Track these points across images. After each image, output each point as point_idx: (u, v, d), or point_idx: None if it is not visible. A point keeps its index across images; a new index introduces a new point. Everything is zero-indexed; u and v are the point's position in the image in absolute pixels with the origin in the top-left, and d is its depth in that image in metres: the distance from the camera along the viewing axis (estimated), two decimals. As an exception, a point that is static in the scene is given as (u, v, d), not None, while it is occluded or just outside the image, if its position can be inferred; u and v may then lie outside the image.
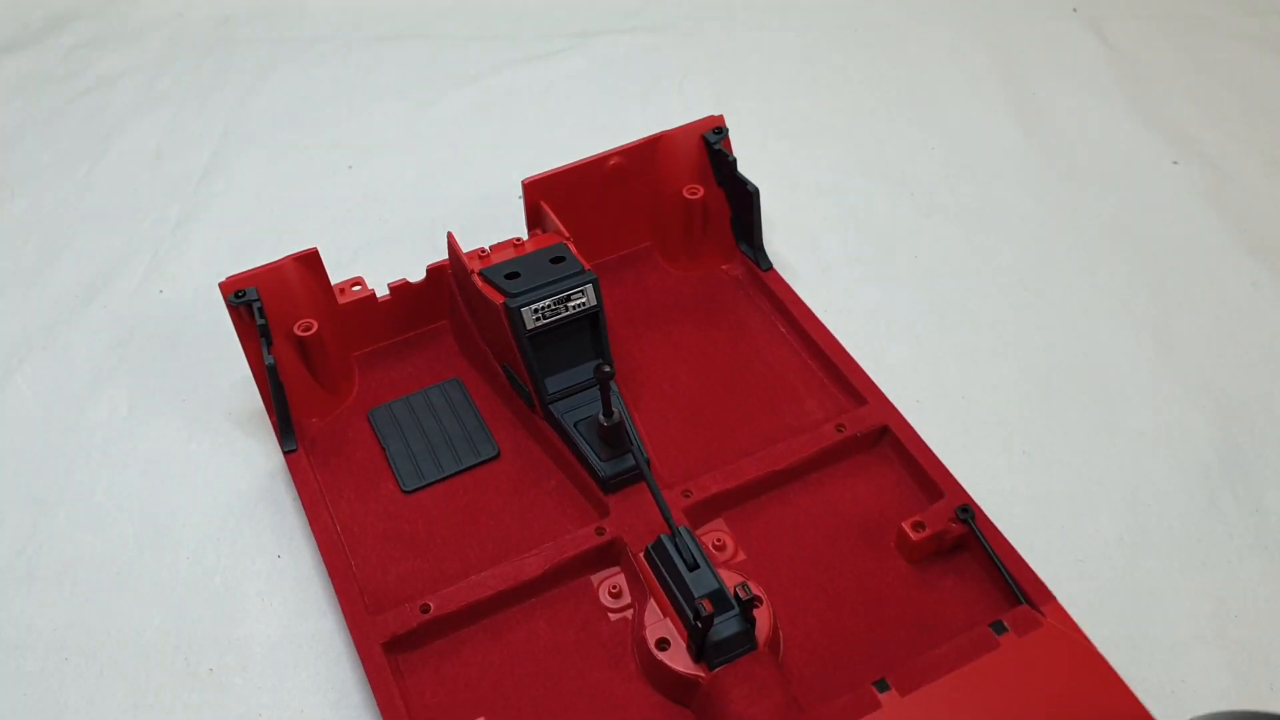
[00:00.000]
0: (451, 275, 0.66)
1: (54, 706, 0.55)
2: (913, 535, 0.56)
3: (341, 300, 0.65)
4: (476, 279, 0.61)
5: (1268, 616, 0.56)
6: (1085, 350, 0.70)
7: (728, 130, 0.69)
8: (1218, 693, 0.53)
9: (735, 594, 0.51)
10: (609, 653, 0.54)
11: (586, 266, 0.61)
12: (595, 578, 0.57)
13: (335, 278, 0.76)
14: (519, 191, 0.83)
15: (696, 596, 0.51)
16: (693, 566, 0.52)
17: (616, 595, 0.56)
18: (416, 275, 0.68)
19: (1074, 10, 0.97)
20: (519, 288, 0.60)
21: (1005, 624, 0.52)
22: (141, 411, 0.69)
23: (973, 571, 0.56)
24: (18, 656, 0.57)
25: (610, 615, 0.56)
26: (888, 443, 0.62)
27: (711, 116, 0.70)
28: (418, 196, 0.83)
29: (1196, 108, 0.87)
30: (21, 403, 0.70)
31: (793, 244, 0.77)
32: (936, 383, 0.68)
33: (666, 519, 0.54)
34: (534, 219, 0.68)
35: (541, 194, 0.67)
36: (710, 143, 0.69)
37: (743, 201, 0.69)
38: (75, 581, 0.60)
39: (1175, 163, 0.82)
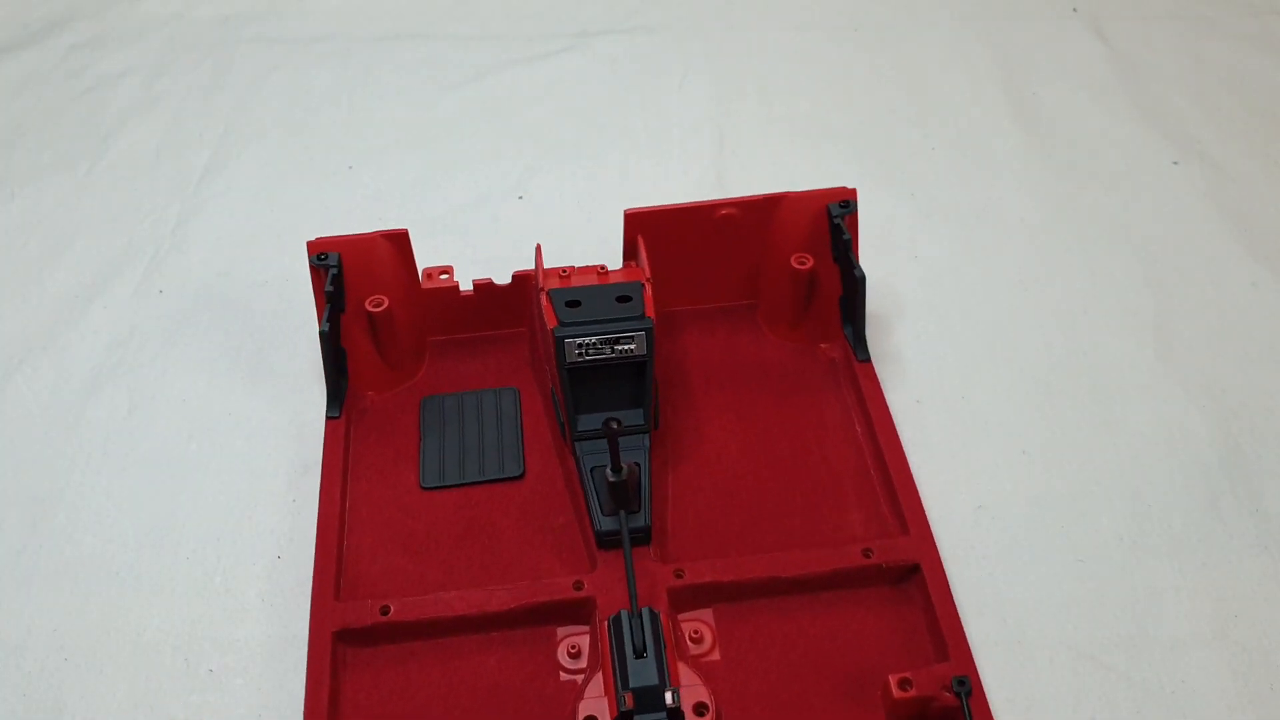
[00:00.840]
0: (532, 286, 0.65)
1: (54, 707, 0.55)
2: (896, 693, 0.50)
3: (425, 285, 0.66)
4: (543, 297, 0.60)
5: (1268, 616, 0.56)
6: (1085, 350, 0.70)
7: (855, 205, 0.65)
8: (1218, 693, 0.53)
9: (674, 698, 0.48)
10: (546, 712, 0.52)
11: (651, 314, 0.58)
12: (561, 631, 0.55)
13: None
14: (520, 192, 0.84)
15: (630, 685, 0.49)
16: (639, 653, 0.49)
17: (575, 656, 0.54)
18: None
19: (1074, 10, 0.97)
20: (574, 317, 0.58)
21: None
22: (141, 411, 0.69)
23: None
24: (18, 656, 0.57)
25: (561, 674, 0.53)
26: (914, 583, 0.56)
27: (843, 188, 0.65)
28: (418, 196, 0.83)
29: (1196, 108, 0.87)
30: (21, 403, 0.70)
31: (793, 244, 0.77)
32: (936, 383, 0.68)
33: (632, 596, 0.52)
34: (630, 251, 0.66)
35: (642, 228, 0.65)
36: (833, 215, 0.64)
37: (850, 285, 0.65)
38: (75, 581, 0.60)
39: (1175, 163, 0.82)
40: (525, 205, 0.82)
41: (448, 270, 0.67)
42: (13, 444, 0.68)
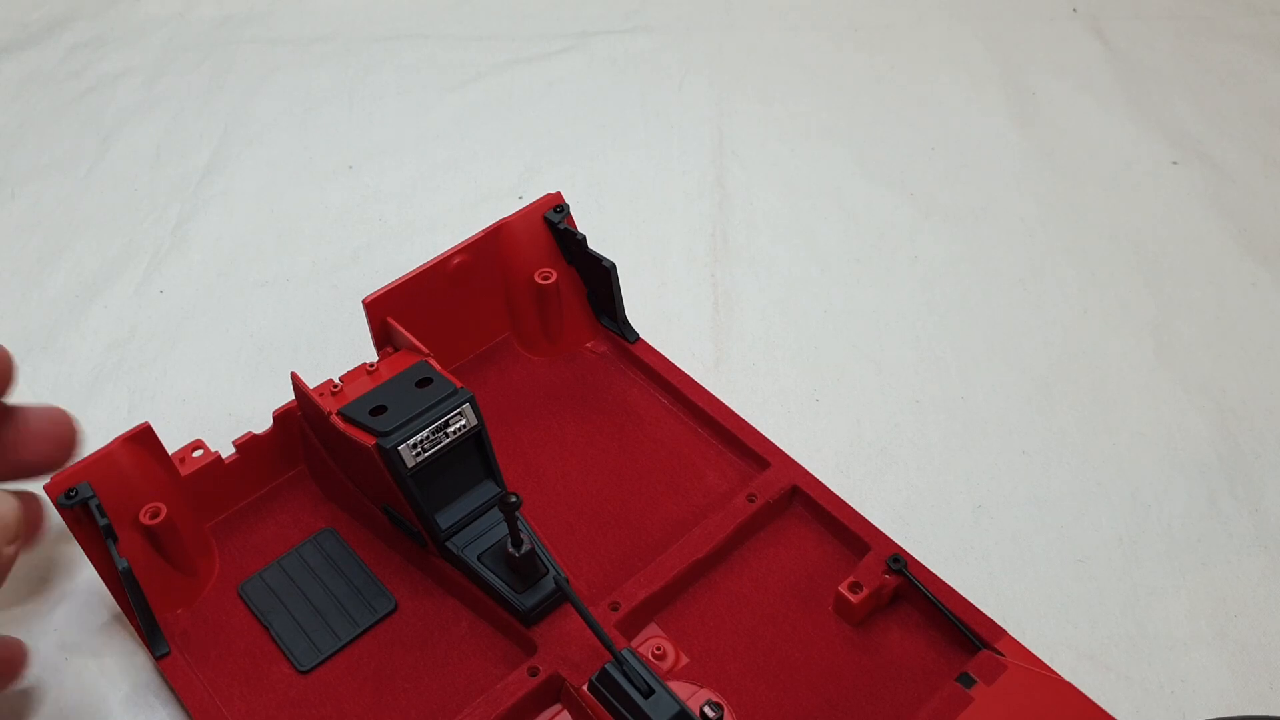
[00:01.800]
0: (303, 418, 0.58)
1: (54, 706, 0.55)
2: (852, 598, 0.53)
3: (184, 471, 0.57)
4: (336, 421, 0.54)
5: (1268, 616, 0.56)
6: (1085, 350, 0.70)
7: (568, 208, 0.65)
8: (1218, 693, 0.53)
9: (703, 712, 0.47)
10: None
11: (456, 383, 0.54)
12: (539, 715, 0.52)
13: (335, 280, 0.76)
14: (520, 192, 0.84)
15: None
16: (648, 693, 0.48)
17: None
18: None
19: (1074, 10, 0.97)
20: (389, 424, 0.52)
21: (972, 675, 0.50)
22: (141, 411, 0.69)
23: (915, 621, 0.54)
24: (18, 656, 0.57)
25: None
26: (800, 502, 0.59)
27: (550, 195, 0.65)
28: (418, 196, 0.83)
29: (1196, 108, 0.87)
30: (21, 403, 0.70)
31: (792, 245, 0.77)
32: (936, 383, 0.68)
33: (608, 646, 0.49)
34: (382, 338, 0.60)
35: (387, 310, 0.60)
36: (553, 223, 0.64)
37: (599, 277, 0.65)
38: (75, 581, 0.60)
39: (1175, 163, 0.82)
40: (525, 205, 0.82)
41: (199, 445, 0.58)
42: (13, 444, 0.68)
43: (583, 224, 0.80)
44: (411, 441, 0.52)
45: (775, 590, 0.56)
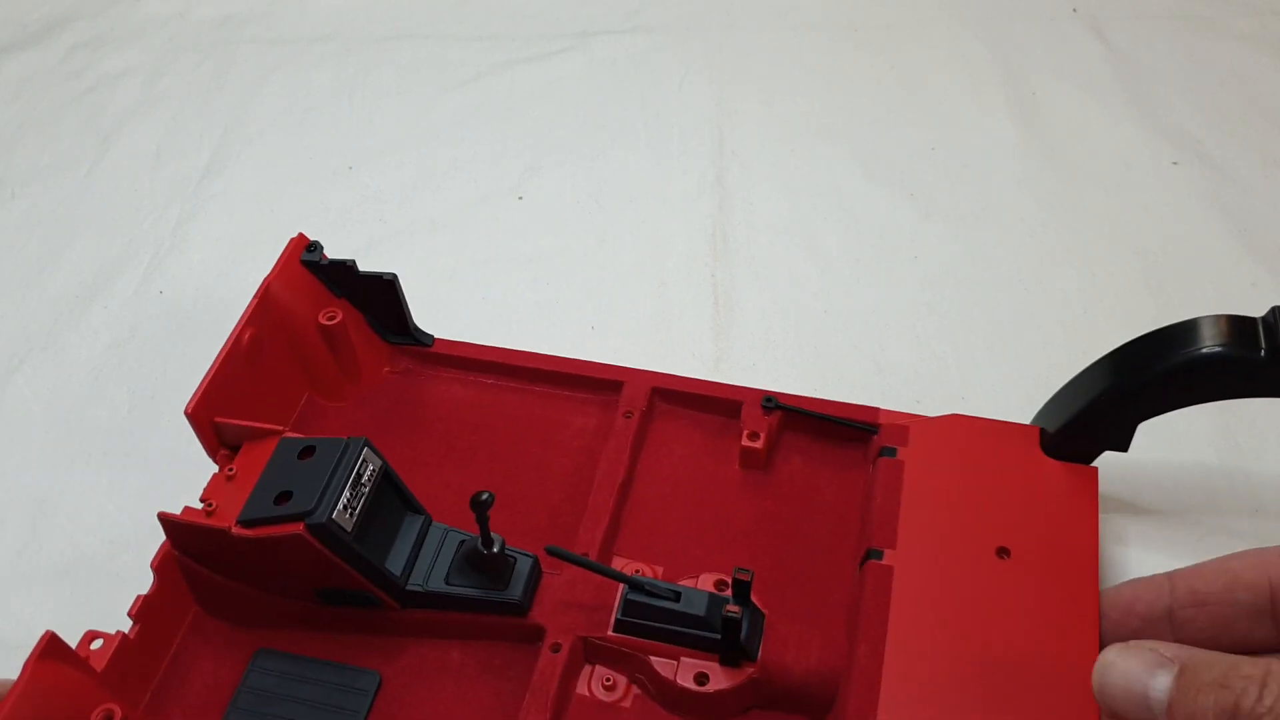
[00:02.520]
0: (182, 556, 0.54)
1: (54, 706, 0.55)
2: (753, 445, 0.58)
3: (99, 666, 0.50)
4: (242, 532, 0.49)
5: (1268, 617, 0.56)
6: (1085, 350, 0.69)
7: (320, 245, 0.62)
8: (1218, 693, 0.53)
9: (735, 579, 0.50)
10: None
11: (340, 434, 0.52)
12: (579, 685, 0.52)
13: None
14: (520, 192, 0.84)
15: (705, 611, 0.50)
16: (675, 597, 0.50)
17: (611, 687, 0.52)
18: (415, 274, 0.68)
19: (1074, 10, 0.97)
20: (306, 502, 0.48)
21: (889, 446, 0.57)
22: (141, 411, 0.69)
23: (809, 444, 0.60)
24: (18, 657, 0.57)
25: (626, 702, 0.51)
26: (667, 400, 0.62)
27: (295, 240, 0.62)
28: (418, 196, 0.83)
29: (1196, 108, 0.87)
30: (22, 403, 0.70)
31: (792, 244, 0.77)
32: (936, 383, 0.68)
33: (618, 577, 0.51)
34: (216, 441, 0.56)
35: (211, 411, 0.55)
36: (315, 263, 0.62)
37: (380, 295, 0.62)
38: (75, 581, 0.60)
39: (1175, 163, 0.82)
40: (525, 205, 0.82)
41: (94, 635, 0.51)
42: (13, 444, 0.68)
43: (583, 223, 0.80)
44: (340, 506, 0.49)
45: (688, 478, 0.60)
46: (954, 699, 0.47)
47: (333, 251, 0.78)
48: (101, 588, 0.60)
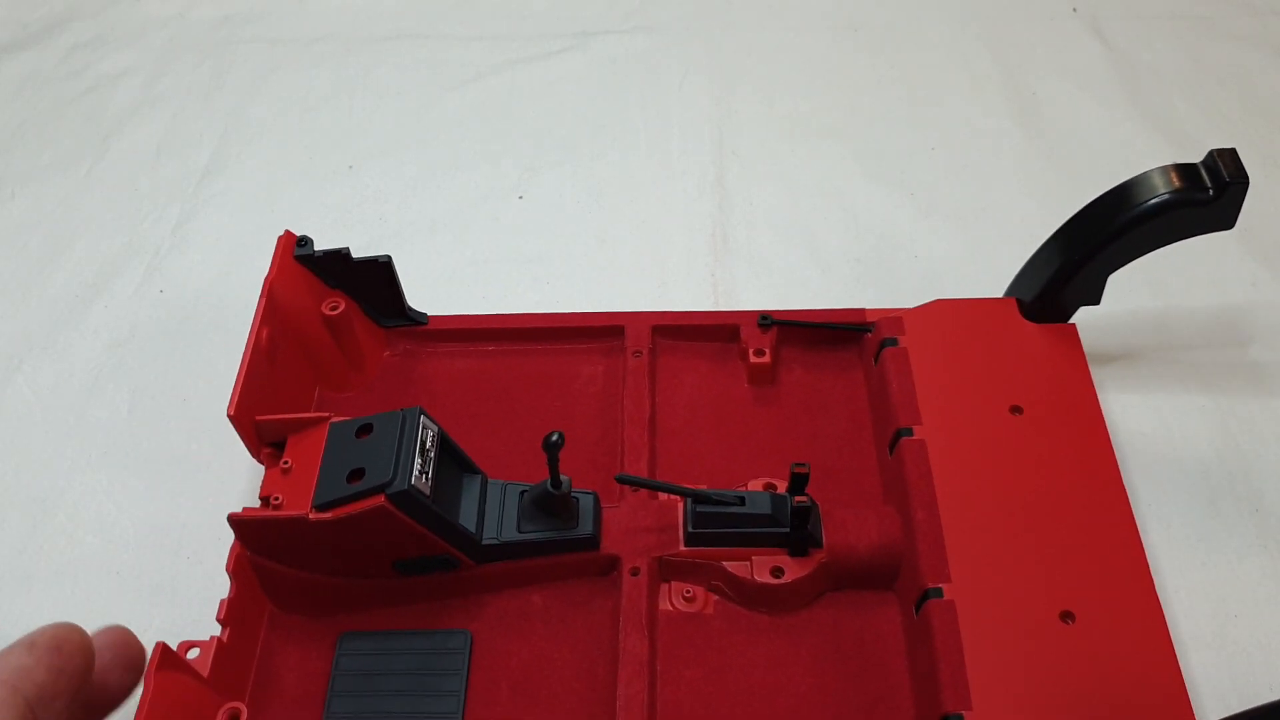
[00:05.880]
0: (254, 555, 0.54)
1: (54, 707, 0.55)
2: (759, 360, 0.63)
3: (205, 672, 0.50)
4: (318, 516, 0.50)
5: (1268, 617, 0.56)
6: (1084, 349, 0.69)
7: (311, 239, 0.62)
8: (1218, 693, 0.53)
9: (793, 471, 0.52)
10: (746, 630, 0.54)
11: (390, 409, 0.53)
12: (661, 602, 0.54)
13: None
14: (520, 192, 0.84)
15: (772, 510, 0.53)
16: (740, 501, 0.53)
17: (691, 599, 0.55)
18: (415, 274, 0.68)
19: (1074, 10, 0.97)
20: (381, 474, 0.49)
21: (889, 336, 0.61)
22: (141, 411, 0.69)
23: (806, 354, 0.65)
24: (18, 656, 0.57)
25: (707, 614, 0.54)
26: (669, 336, 0.65)
27: (284, 237, 0.62)
28: (418, 196, 0.83)
29: (1196, 108, 0.87)
30: (21, 403, 0.70)
31: (792, 244, 0.77)
32: (936, 383, 0.68)
33: (684, 492, 0.54)
34: (259, 439, 0.56)
35: (250, 411, 0.55)
36: (310, 256, 0.62)
37: (376, 278, 0.63)
38: (75, 581, 0.60)
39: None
40: (525, 205, 0.82)
41: (191, 645, 0.51)
42: (13, 444, 0.68)
43: (583, 223, 0.80)
44: (415, 472, 0.50)
45: (705, 402, 0.63)
46: (1008, 545, 0.52)
47: (333, 251, 0.78)
48: (101, 588, 0.60)
